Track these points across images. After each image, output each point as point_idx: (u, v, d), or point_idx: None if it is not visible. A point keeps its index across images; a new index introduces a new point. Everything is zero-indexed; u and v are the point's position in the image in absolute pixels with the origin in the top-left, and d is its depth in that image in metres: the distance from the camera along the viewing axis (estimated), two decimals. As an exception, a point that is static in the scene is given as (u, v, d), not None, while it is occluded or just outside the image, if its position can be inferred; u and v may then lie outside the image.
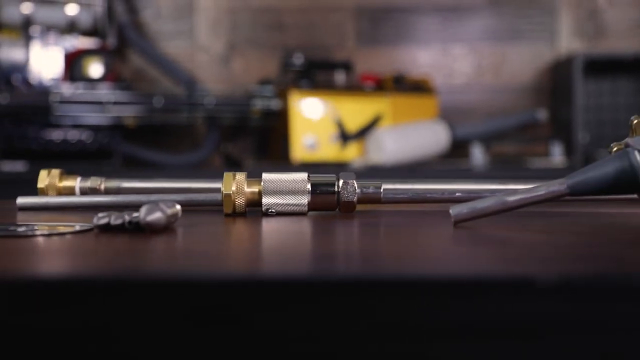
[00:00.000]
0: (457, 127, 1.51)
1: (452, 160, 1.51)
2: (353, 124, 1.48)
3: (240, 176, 0.47)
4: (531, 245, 0.35)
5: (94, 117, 1.38)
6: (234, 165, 1.45)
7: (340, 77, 1.52)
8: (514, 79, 1.58)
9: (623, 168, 0.39)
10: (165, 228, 0.38)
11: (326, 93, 1.49)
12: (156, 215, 0.37)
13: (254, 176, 0.47)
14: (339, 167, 1.41)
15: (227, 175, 0.47)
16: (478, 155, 1.48)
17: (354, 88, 1.52)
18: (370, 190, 0.47)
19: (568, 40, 1.57)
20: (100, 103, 1.38)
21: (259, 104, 1.47)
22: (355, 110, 1.49)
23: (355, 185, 0.47)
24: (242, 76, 1.56)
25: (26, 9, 1.37)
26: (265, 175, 0.47)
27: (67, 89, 1.37)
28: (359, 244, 0.36)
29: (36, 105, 1.34)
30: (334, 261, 0.30)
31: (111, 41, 1.45)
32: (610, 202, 0.52)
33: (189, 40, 1.56)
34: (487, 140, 1.53)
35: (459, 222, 0.41)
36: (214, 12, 1.56)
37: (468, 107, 1.59)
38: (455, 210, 0.41)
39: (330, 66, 1.53)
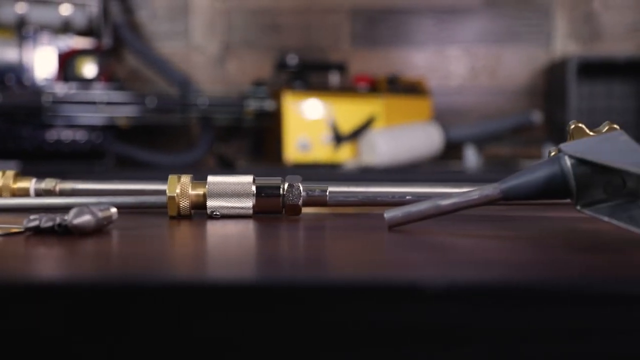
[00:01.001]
0: (451, 129, 1.51)
1: (445, 162, 1.51)
2: (346, 126, 1.48)
3: (185, 179, 0.47)
4: (451, 249, 0.35)
5: (87, 118, 1.39)
6: (227, 166, 1.46)
7: (334, 78, 1.52)
8: (509, 81, 1.58)
9: (554, 173, 0.39)
10: (96, 231, 0.39)
11: (320, 94, 1.49)
12: (84, 218, 0.38)
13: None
14: (332, 169, 1.42)
15: (172, 177, 0.47)
16: (471, 157, 1.47)
17: (347, 89, 1.52)
18: (316, 193, 0.47)
19: (563, 43, 1.57)
20: (93, 103, 1.39)
21: (252, 105, 1.47)
22: (349, 112, 1.49)
23: (301, 188, 0.47)
24: (237, 77, 1.57)
25: (20, 8, 1.38)
26: (210, 178, 0.47)
27: (61, 89, 1.37)
28: (286, 248, 0.36)
29: (29, 105, 1.35)
30: (254, 266, 0.30)
31: (106, 41, 1.46)
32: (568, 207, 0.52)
33: (184, 40, 1.57)
34: (481, 142, 1.53)
35: (393, 226, 0.41)
36: (209, 13, 1.57)
37: (463, 109, 1.58)
38: (389, 214, 0.41)
39: (325, 67, 1.53)
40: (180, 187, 0.46)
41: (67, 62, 1.40)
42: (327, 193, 0.47)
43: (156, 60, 1.50)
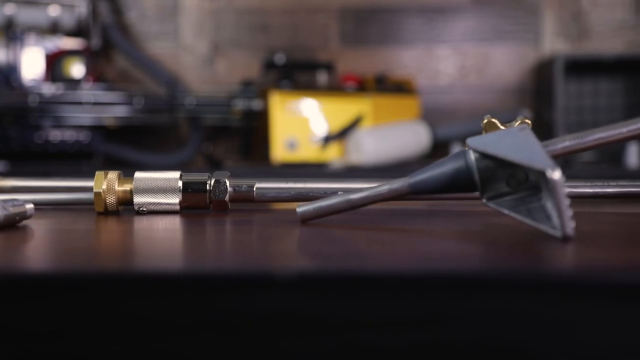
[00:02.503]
0: (439, 127, 1.51)
1: (433, 160, 1.51)
2: (334, 125, 1.49)
3: (112, 175, 0.47)
4: (340, 241, 0.35)
5: (74, 118, 1.40)
6: (216, 165, 1.46)
7: (322, 77, 1.52)
8: (498, 79, 1.58)
9: (460, 167, 0.40)
10: (8, 226, 0.39)
11: (307, 93, 1.49)
12: (-9, 213, 0.38)
13: (234, 176, 0.48)
14: (319, 168, 1.42)
15: (99, 173, 0.48)
16: (458, 156, 1.47)
17: (335, 89, 1.52)
18: (243, 188, 0.48)
19: (552, 41, 1.57)
20: (80, 104, 1.40)
21: (240, 105, 1.48)
22: (337, 111, 1.50)
23: (228, 184, 0.47)
24: (226, 77, 1.57)
25: (8, 9, 1.39)
26: (137, 174, 0.47)
27: (48, 90, 1.39)
28: (200, 242, 0.37)
29: (17, 106, 1.36)
30: (147, 259, 0.31)
31: (95, 42, 1.47)
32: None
33: (173, 41, 1.57)
34: (470, 141, 1.53)
35: (306, 220, 0.41)
36: (198, 13, 1.58)
37: (452, 108, 1.58)
38: (301, 208, 0.41)
39: (312, 67, 1.53)
40: (106, 183, 0.47)
41: (54, 63, 1.41)
42: (254, 189, 0.48)
43: (144, 60, 1.51)
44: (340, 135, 1.49)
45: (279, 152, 1.46)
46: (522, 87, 1.57)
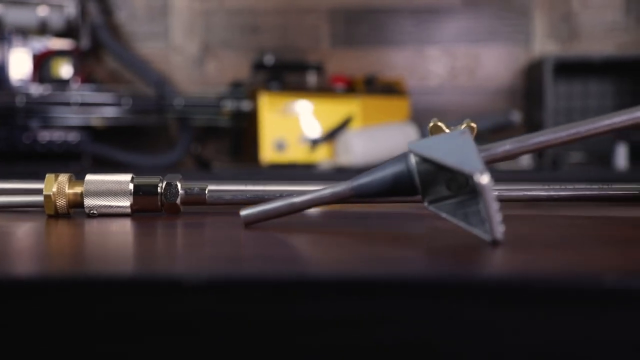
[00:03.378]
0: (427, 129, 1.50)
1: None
2: (323, 126, 1.49)
3: (63, 177, 0.47)
4: (270, 244, 0.35)
5: (62, 118, 1.40)
6: (204, 166, 1.46)
7: (311, 78, 1.52)
8: (489, 81, 1.58)
9: (401, 171, 0.40)
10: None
11: (296, 94, 1.49)
12: None
13: (221, 178, 0.48)
14: (308, 169, 1.42)
15: (49, 176, 0.47)
16: (447, 157, 1.47)
17: (324, 90, 1.52)
18: (195, 191, 0.48)
19: (542, 43, 1.56)
20: (68, 104, 1.40)
21: (229, 106, 1.48)
22: (326, 112, 1.50)
23: (179, 186, 0.47)
24: (216, 78, 1.57)
25: (-3, 11, 1.40)
26: (88, 177, 0.47)
27: (36, 90, 1.39)
28: (142, 246, 0.36)
29: (4, 106, 1.36)
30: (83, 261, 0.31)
31: (84, 42, 1.47)
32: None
33: (163, 41, 1.57)
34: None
35: (250, 223, 0.41)
36: (188, 14, 1.58)
37: (443, 109, 1.58)
38: (245, 212, 0.41)
39: (302, 68, 1.53)
40: (57, 186, 0.47)
41: (42, 63, 1.41)
42: (207, 192, 0.47)
43: (133, 61, 1.51)
44: (330, 136, 1.49)
45: (268, 153, 1.46)
46: (513, 89, 1.57)
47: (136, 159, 1.47)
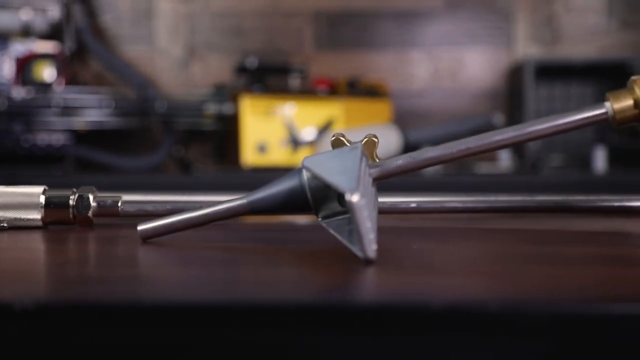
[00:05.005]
0: (411, 131, 1.51)
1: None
2: (305, 128, 1.49)
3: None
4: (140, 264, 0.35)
5: (45, 121, 1.41)
6: (185, 169, 1.47)
7: (293, 81, 1.53)
8: (472, 83, 1.58)
9: (295, 186, 0.40)
10: None
11: (278, 97, 1.50)
12: None
13: (202, 181, 0.49)
14: (289, 171, 1.42)
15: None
16: (428, 160, 1.47)
17: (307, 92, 1.52)
18: (108, 203, 0.48)
19: (525, 45, 1.56)
20: (51, 107, 1.41)
21: (212, 109, 1.48)
22: (308, 115, 1.50)
23: (91, 199, 0.48)
24: (201, 80, 1.58)
25: (-20, 14, 1.41)
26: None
27: (18, 93, 1.40)
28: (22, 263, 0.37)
29: (-13, 108, 1.38)
30: None
31: (68, 45, 1.48)
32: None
33: (148, 44, 1.58)
34: (441, 144, 1.53)
35: (147, 238, 0.42)
36: (173, 17, 1.58)
37: (426, 112, 1.58)
38: (142, 226, 0.42)
39: (284, 70, 1.54)
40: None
41: (25, 67, 1.42)
42: (120, 204, 0.48)
43: (117, 63, 1.52)
44: (311, 139, 1.49)
45: (249, 155, 1.47)
46: (496, 91, 1.57)
47: (120, 161, 1.48)
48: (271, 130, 1.49)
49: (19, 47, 1.43)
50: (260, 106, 1.48)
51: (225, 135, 1.56)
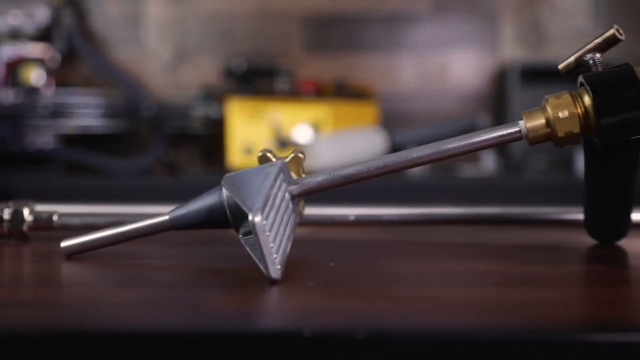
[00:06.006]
0: (397, 133, 1.51)
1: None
2: (292, 131, 1.50)
3: None
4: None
5: (34, 125, 1.42)
6: (172, 171, 1.48)
7: (281, 83, 1.53)
8: (459, 86, 1.58)
9: (215, 203, 0.41)
10: None
11: (265, 99, 1.51)
12: None
13: (191, 183, 0.49)
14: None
15: None
16: (414, 162, 1.47)
17: (293, 94, 1.53)
18: (44, 217, 0.49)
19: (511, 48, 1.57)
20: (40, 110, 1.42)
21: (199, 111, 1.50)
22: (294, 117, 1.51)
23: (26, 213, 0.49)
24: (191, 83, 1.59)
25: (-32, 18, 1.42)
26: None
27: (7, 97, 1.41)
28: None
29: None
30: None
31: (58, 48, 1.49)
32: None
33: (137, 47, 1.60)
34: (428, 147, 1.53)
35: (71, 254, 0.43)
36: (162, 20, 1.60)
37: (413, 114, 1.59)
38: (65, 243, 0.43)
39: (271, 73, 1.55)
40: None
41: (14, 70, 1.44)
42: (55, 217, 0.49)
43: (106, 66, 1.53)
44: (297, 141, 1.50)
45: (236, 157, 1.48)
46: (482, 94, 1.58)
47: (108, 163, 1.49)
48: (258, 132, 1.49)
49: (8, 51, 1.45)
50: (247, 108, 1.49)
51: (213, 137, 1.57)
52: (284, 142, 1.50)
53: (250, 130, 1.49)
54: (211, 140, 1.56)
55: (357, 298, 0.32)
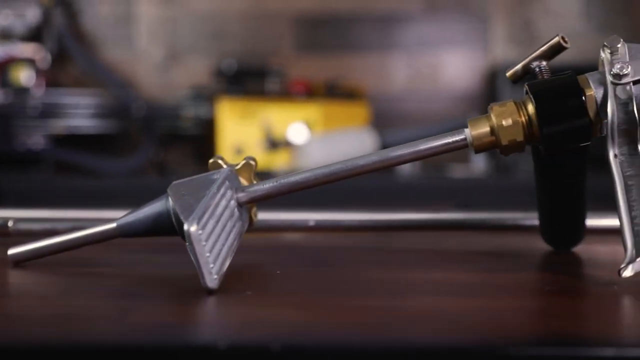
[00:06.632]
0: (387, 134, 1.51)
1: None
2: (282, 131, 1.50)
3: None
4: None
5: (24, 125, 1.42)
6: (162, 171, 1.48)
7: (271, 84, 1.53)
8: (451, 86, 1.58)
9: (161, 211, 0.41)
10: None
11: (256, 100, 1.50)
12: None
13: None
14: (266, 175, 1.43)
15: None
16: (404, 163, 1.47)
17: (284, 95, 1.53)
18: (-1, 224, 0.49)
19: (503, 49, 1.56)
20: (30, 110, 1.42)
21: (190, 112, 1.49)
22: (285, 117, 1.51)
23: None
24: (182, 83, 1.59)
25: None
26: None
27: (-3, 97, 1.41)
28: None
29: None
30: None
31: (49, 48, 1.49)
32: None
33: (129, 47, 1.59)
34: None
35: (19, 262, 0.42)
36: (154, 20, 1.59)
37: (405, 114, 1.58)
38: (12, 250, 0.43)
39: (262, 73, 1.54)
40: None
41: (4, 70, 1.44)
42: (9, 224, 0.49)
43: (97, 67, 1.53)
44: (287, 141, 1.50)
45: (226, 158, 1.47)
46: (473, 94, 1.57)
47: (98, 164, 1.49)
48: (248, 133, 1.49)
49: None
50: (237, 109, 1.49)
51: (203, 138, 1.57)
52: (274, 143, 1.49)
53: (240, 130, 1.49)
54: (202, 141, 1.56)
55: (290, 308, 0.32)
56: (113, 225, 0.42)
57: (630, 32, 1.51)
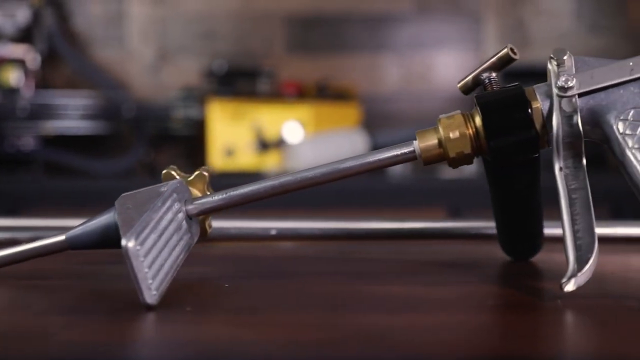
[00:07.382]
0: (379, 134, 1.51)
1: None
2: (273, 132, 1.50)
3: None
4: None
5: (14, 126, 1.42)
6: (151, 172, 1.48)
7: (262, 84, 1.53)
8: (442, 86, 1.57)
9: (109, 223, 0.40)
10: None
11: (246, 101, 1.50)
12: None
13: None
14: (256, 176, 1.43)
15: None
16: (395, 164, 1.47)
17: (275, 96, 1.53)
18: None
19: (495, 49, 1.55)
20: (18, 111, 1.42)
21: (181, 112, 1.49)
22: (276, 118, 1.50)
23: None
24: (173, 84, 1.59)
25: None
26: None
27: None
28: None
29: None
30: None
31: (39, 49, 1.49)
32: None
33: (120, 48, 1.59)
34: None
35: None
36: (145, 20, 1.59)
37: (397, 115, 1.58)
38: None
39: (253, 74, 1.54)
40: None
41: (-7, 71, 1.44)
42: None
43: (87, 67, 1.53)
44: (279, 143, 1.49)
45: (217, 159, 1.47)
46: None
47: (88, 164, 1.50)
48: (239, 134, 1.49)
49: (-12, 52, 1.45)
50: (228, 110, 1.49)
51: (194, 138, 1.56)
52: (265, 144, 1.49)
53: (231, 131, 1.49)
54: (192, 142, 1.56)
55: (230, 326, 0.32)
56: (62, 237, 0.41)
57: (621, 32, 1.51)
